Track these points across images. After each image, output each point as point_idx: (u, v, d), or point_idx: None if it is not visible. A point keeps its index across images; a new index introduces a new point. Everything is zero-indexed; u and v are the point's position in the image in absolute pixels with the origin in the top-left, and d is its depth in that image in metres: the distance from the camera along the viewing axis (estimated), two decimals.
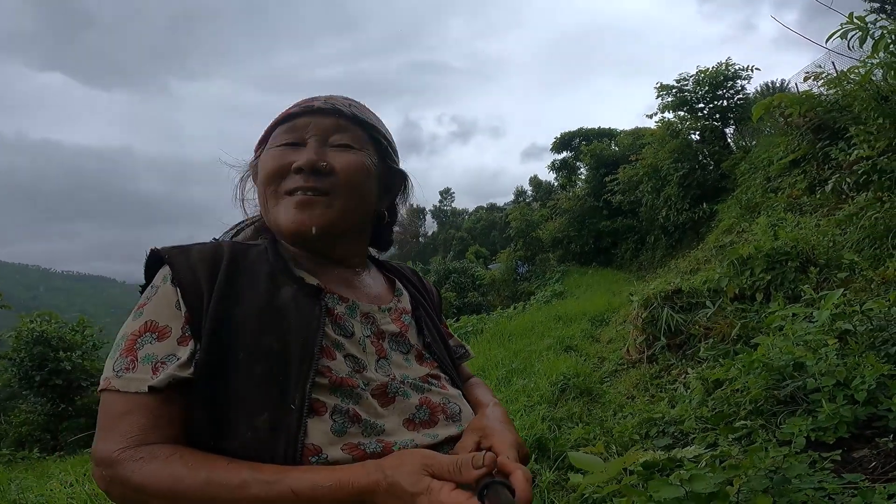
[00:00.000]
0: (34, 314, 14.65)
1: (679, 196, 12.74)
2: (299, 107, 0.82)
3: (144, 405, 0.65)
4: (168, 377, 0.65)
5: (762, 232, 5.21)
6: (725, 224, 8.81)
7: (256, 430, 0.64)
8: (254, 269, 0.75)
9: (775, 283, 3.93)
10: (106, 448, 0.63)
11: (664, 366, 4.23)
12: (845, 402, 1.98)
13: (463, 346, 1.01)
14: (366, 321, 0.80)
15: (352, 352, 0.75)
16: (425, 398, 0.77)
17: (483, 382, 0.99)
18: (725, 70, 13.25)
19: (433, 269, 20.55)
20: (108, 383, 0.67)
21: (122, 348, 0.69)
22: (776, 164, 7.70)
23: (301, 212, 0.76)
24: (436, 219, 61.54)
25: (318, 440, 0.65)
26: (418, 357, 0.83)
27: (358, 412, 0.69)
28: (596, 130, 24.56)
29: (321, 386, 0.68)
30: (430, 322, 0.90)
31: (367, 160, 0.82)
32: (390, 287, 0.91)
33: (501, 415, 0.81)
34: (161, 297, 0.71)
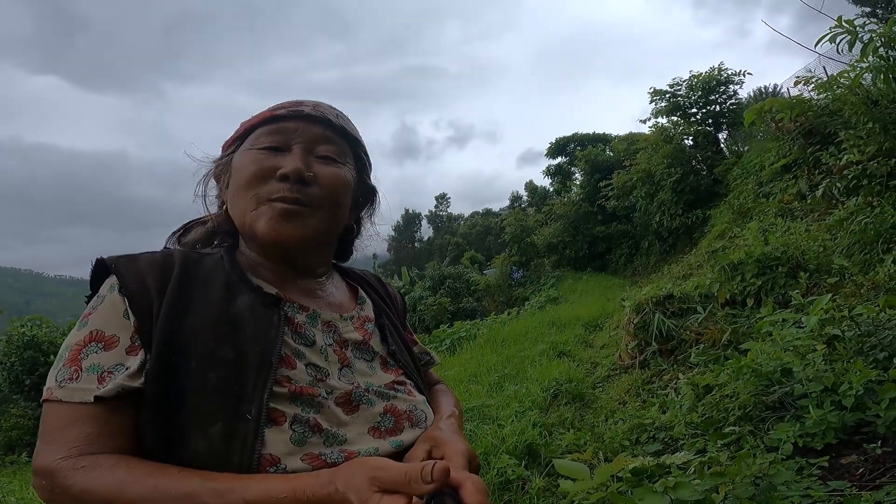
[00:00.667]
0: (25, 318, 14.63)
1: (672, 201, 12.79)
2: (286, 109, 0.79)
3: (90, 415, 0.62)
4: (117, 387, 0.62)
5: (753, 237, 5.22)
6: (718, 229, 8.84)
7: (210, 438, 0.62)
8: (208, 277, 0.73)
9: (766, 288, 3.93)
10: (46, 457, 0.61)
11: (656, 371, 4.22)
12: (833, 408, 1.97)
13: (428, 353, 1.01)
14: (327, 330, 0.78)
15: (313, 360, 0.73)
16: (390, 405, 0.76)
17: (448, 389, 0.98)
18: (718, 75, 13.35)
19: (428, 275, 20.49)
20: (49, 393, 0.64)
21: (65, 359, 0.66)
22: (768, 168, 7.74)
23: (283, 221, 0.74)
24: (431, 224, 61.60)
25: (276, 450, 0.63)
26: (382, 364, 0.82)
27: (319, 421, 0.68)
28: (590, 135, 24.67)
29: (280, 395, 0.66)
30: (393, 329, 0.89)
31: (348, 175, 0.81)
32: (353, 295, 0.90)
33: (453, 425, 0.80)
34: (108, 307, 0.69)
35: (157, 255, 0.75)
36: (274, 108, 0.80)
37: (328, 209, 0.78)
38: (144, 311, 0.67)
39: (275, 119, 0.78)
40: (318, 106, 0.81)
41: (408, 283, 21.68)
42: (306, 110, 0.79)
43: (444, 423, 0.80)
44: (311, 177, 0.75)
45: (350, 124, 0.84)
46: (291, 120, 0.78)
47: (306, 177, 0.75)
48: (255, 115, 0.81)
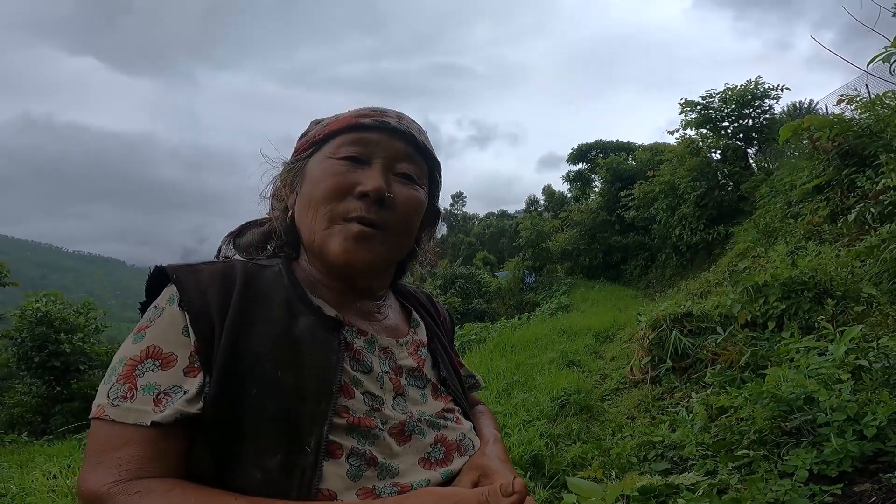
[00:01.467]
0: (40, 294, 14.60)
1: (694, 216, 12.56)
2: (371, 118, 0.75)
3: (143, 438, 0.59)
4: (175, 413, 0.60)
5: (780, 259, 5.09)
6: (740, 248, 8.65)
7: (268, 471, 0.60)
8: (268, 294, 0.70)
9: (789, 312, 3.82)
10: (96, 480, 0.57)
11: (668, 388, 4.14)
12: (854, 438, 1.91)
13: (473, 377, 0.99)
14: (384, 356, 0.76)
15: (370, 389, 0.71)
16: (441, 435, 0.74)
17: (488, 410, 0.96)
18: (754, 88, 13.06)
19: (440, 273, 20.51)
20: (101, 411, 0.61)
21: (118, 374, 0.63)
22: (799, 188, 7.54)
23: (357, 245, 0.70)
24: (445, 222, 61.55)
25: (334, 485, 0.61)
26: (433, 391, 0.80)
27: (375, 454, 0.65)
28: (614, 143, 24.42)
29: (338, 427, 0.64)
30: (444, 354, 0.86)
31: (423, 197, 0.78)
32: (406, 317, 0.87)
33: (501, 453, 0.78)
34: (166, 321, 0.65)
35: (219, 266, 0.72)
36: (357, 114, 0.76)
37: (400, 233, 0.75)
38: (206, 329, 0.64)
39: (358, 128, 0.74)
40: (402, 119, 0.77)
41: (418, 280, 21.71)
42: (392, 123, 0.75)
43: (490, 450, 0.77)
44: (391, 198, 0.72)
45: (429, 142, 0.81)
46: (375, 131, 0.74)
47: (386, 198, 0.71)
48: (336, 118, 0.77)
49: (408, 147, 0.76)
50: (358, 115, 0.76)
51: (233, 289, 0.68)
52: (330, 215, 0.71)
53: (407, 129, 0.76)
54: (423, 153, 0.78)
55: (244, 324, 0.65)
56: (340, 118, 0.77)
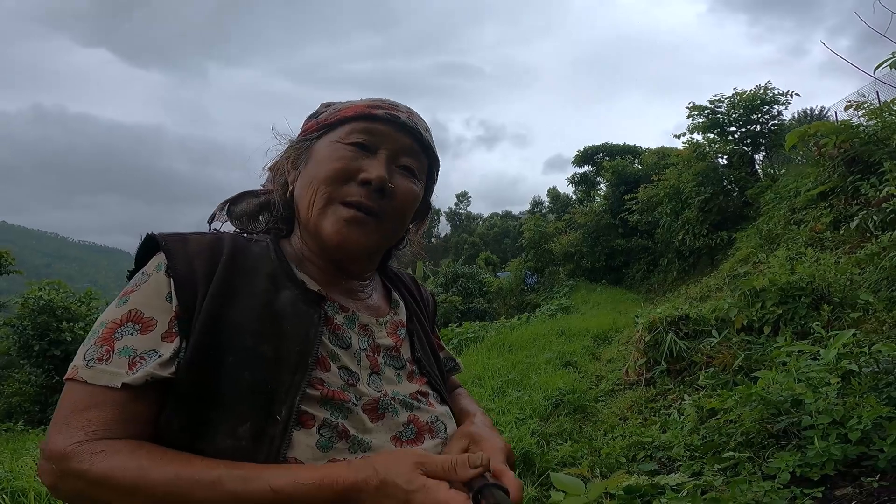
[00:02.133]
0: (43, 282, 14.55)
1: (698, 220, 12.49)
2: (384, 111, 0.77)
3: (112, 400, 0.60)
4: (146, 375, 0.60)
5: (779, 265, 5.06)
6: (742, 253, 8.60)
7: (237, 438, 0.61)
8: (254, 267, 0.71)
9: (785, 317, 3.81)
10: (61, 440, 0.58)
11: (661, 390, 4.13)
12: (838, 441, 1.90)
13: (453, 359, 0.99)
14: (363, 333, 0.77)
15: (347, 364, 0.72)
16: (413, 416, 0.75)
17: (468, 394, 0.97)
18: (763, 94, 12.93)
19: (442, 272, 20.52)
20: (74, 372, 0.62)
21: (98, 336, 0.64)
22: (803, 195, 7.49)
23: (352, 228, 0.73)
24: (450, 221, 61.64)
25: (302, 454, 0.62)
26: (409, 373, 0.81)
27: (346, 427, 0.66)
28: (620, 146, 24.31)
29: (311, 398, 0.65)
30: (423, 335, 0.88)
31: (420, 191, 0.81)
32: (388, 297, 0.88)
33: (488, 422, 0.80)
34: (151, 286, 0.66)
35: (207, 237, 0.73)
36: (370, 104, 0.78)
37: (394, 223, 0.77)
38: (188, 297, 0.65)
39: (370, 118, 0.76)
40: (411, 115, 0.80)
41: (421, 277, 21.76)
42: (402, 118, 0.77)
43: (479, 419, 0.80)
44: (391, 189, 0.74)
45: (433, 141, 0.84)
46: (385, 123, 0.76)
47: (386, 188, 0.73)
48: (348, 105, 0.79)
49: (413, 142, 0.78)
50: (371, 105, 0.78)
51: (219, 259, 0.69)
52: (329, 196, 0.73)
53: (415, 125, 0.78)
54: (427, 150, 0.81)
55: (227, 294, 0.66)
56: (353, 106, 0.78)
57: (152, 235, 0.71)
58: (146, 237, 0.71)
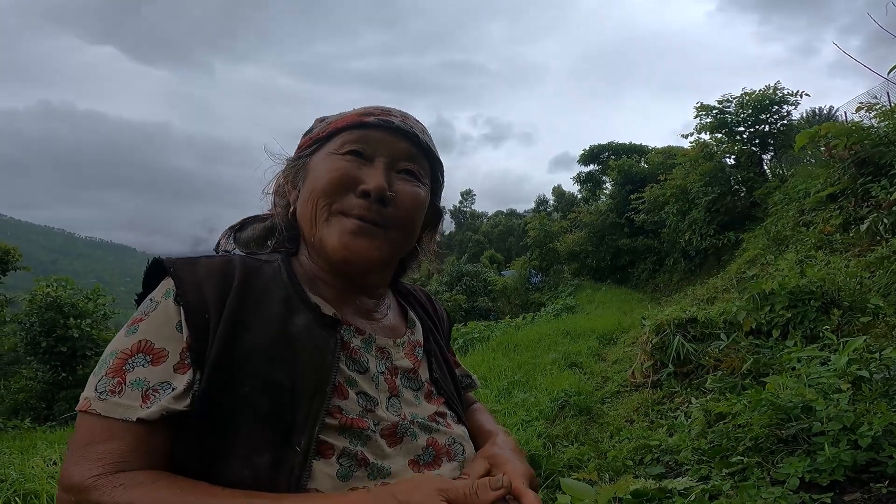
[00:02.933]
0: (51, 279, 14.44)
1: (705, 221, 12.43)
2: (376, 117, 0.75)
3: (128, 432, 0.59)
4: (161, 409, 0.59)
5: (789, 268, 5.03)
6: (749, 254, 8.55)
7: (256, 468, 0.60)
8: (266, 290, 0.69)
9: (795, 321, 3.78)
10: (79, 473, 0.57)
11: (668, 393, 4.12)
12: (848, 447, 1.89)
13: (469, 376, 0.98)
14: (380, 356, 0.76)
15: (365, 389, 0.71)
16: (432, 439, 0.74)
17: (486, 409, 0.96)
18: (772, 94, 12.83)
19: (446, 270, 20.52)
20: (87, 404, 0.61)
21: (108, 366, 0.62)
22: (812, 196, 7.42)
23: (356, 239, 0.70)
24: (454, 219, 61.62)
25: (323, 485, 0.61)
26: (427, 394, 0.80)
27: (366, 455, 0.65)
28: (626, 146, 24.22)
29: (330, 427, 0.64)
30: (439, 354, 0.86)
31: (425, 195, 0.78)
32: (404, 316, 0.86)
33: (512, 444, 0.79)
34: (160, 315, 0.65)
35: (217, 260, 0.71)
36: (361, 112, 0.77)
37: (401, 231, 0.75)
38: (199, 325, 0.63)
39: (363, 126, 0.75)
40: (406, 119, 0.78)
41: (425, 275, 21.77)
42: (395, 122, 0.75)
43: (502, 440, 0.78)
44: (392, 197, 0.72)
45: (433, 142, 0.81)
46: (379, 130, 0.74)
47: (387, 196, 0.71)
48: (341, 116, 0.78)
49: (411, 146, 0.76)
50: (363, 113, 0.76)
51: (231, 284, 0.67)
52: (330, 209, 0.72)
53: (411, 128, 0.76)
54: (427, 153, 0.78)
55: (240, 320, 0.65)
56: (345, 116, 0.77)
57: (160, 260, 0.69)
58: (153, 261, 0.69)
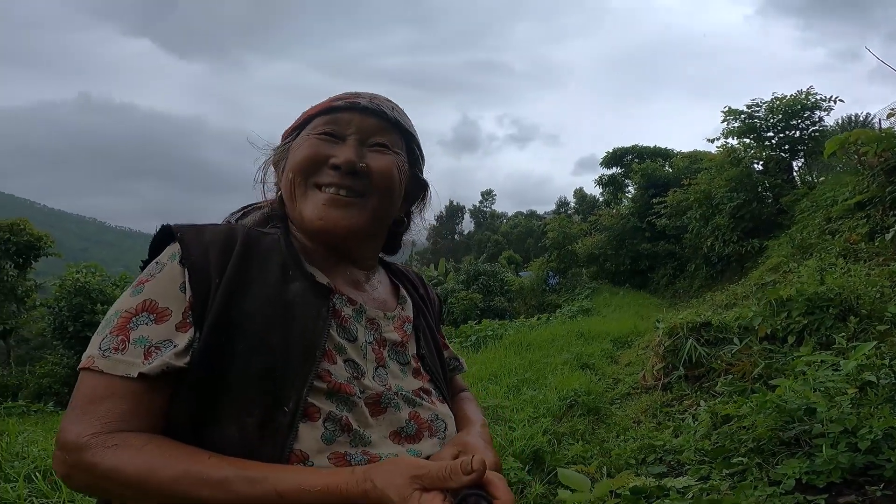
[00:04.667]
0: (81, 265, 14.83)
1: (729, 227, 12.17)
2: (343, 101, 0.79)
3: (129, 390, 0.60)
4: (162, 365, 0.61)
5: (809, 275, 4.93)
6: (773, 262, 8.36)
7: (244, 427, 0.62)
8: (266, 258, 0.72)
9: (811, 327, 3.72)
10: (76, 431, 0.59)
11: (678, 395, 4.10)
12: (846, 449, 1.88)
13: (457, 359, 1.00)
14: (370, 327, 0.78)
15: (353, 357, 0.73)
16: (415, 413, 0.75)
17: (474, 398, 0.98)
18: (805, 99, 12.45)
19: (464, 269, 20.56)
20: (90, 362, 0.62)
21: (113, 325, 0.64)
22: (840, 204, 7.22)
23: (331, 209, 0.74)
24: (474, 219, 61.53)
25: (308, 446, 0.63)
26: (414, 370, 0.81)
27: (349, 421, 0.67)
28: (651, 149, 23.79)
29: (318, 390, 0.66)
30: (428, 332, 0.89)
31: (401, 164, 0.81)
32: (395, 292, 0.89)
33: (486, 435, 0.80)
34: (166, 276, 0.67)
35: (221, 228, 0.74)
36: (332, 98, 0.81)
37: (379, 198, 0.77)
38: (202, 287, 0.66)
39: (332, 110, 0.79)
40: (374, 98, 0.81)
41: (443, 273, 21.84)
42: (363, 102, 0.78)
43: (476, 430, 0.80)
44: (364, 167, 0.75)
45: (405, 117, 0.84)
46: (348, 111, 0.78)
47: (358, 167, 0.74)
48: (315, 105, 0.82)
49: (380, 122, 0.79)
50: (333, 99, 0.81)
51: (233, 249, 0.70)
52: (306, 183, 0.76)
53: (378, 106, 0.79)
54: (397, 127, 0.81)
55: (240, 284, 0.68)
56: (318, 105, 0.82)
57: (167, 226, 0.72)
58: (161, 227, 0.72)
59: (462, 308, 16.39)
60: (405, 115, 0.85)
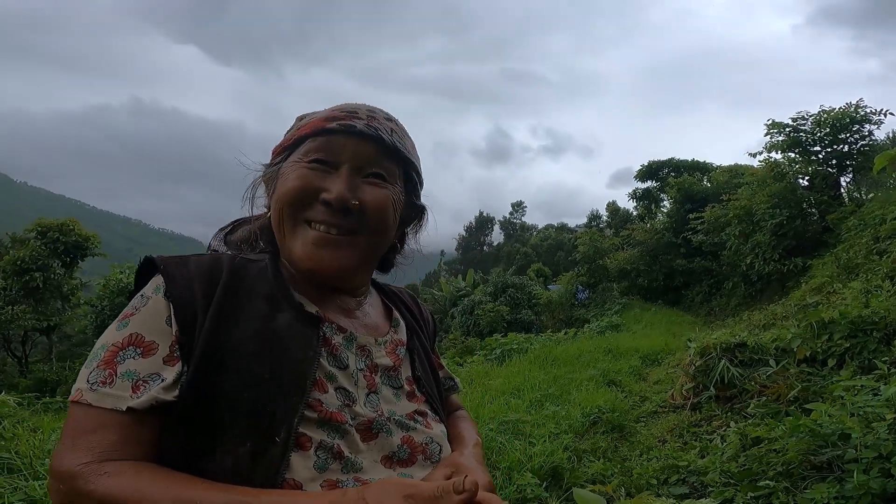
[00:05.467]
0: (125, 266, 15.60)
1: (770, 245, 11.66)
2: (338, 122, 0.74)
3: (118, 422, 0.61)
4: (150, 399, 0.61)
5: (853, 297, 4.66)
6: (816, 282, 7.93)
7: (237, 458, 0.62)
8: (252, 288, 0.71)
9: (853, 351, 3.51)
10: (68, 461, 0.59)
11: (707, 416, 3.93)
12: (879, 475, 1.76)
13: (452, 379, 0.99)
14: (361, 354, 0.77)
15: (344, 384, 0.72)
16: (408, 437, 0.75)
17: (468, 416, 0.97)
18: (854, 112, 11.88)
19: (492, 281, 20.44)
20: (79, 395, 0.62)
21: (100, 359, 0.64)
22: (889, 223, 6.81)
23: (321, 249, 0.72)
24: (503, 230, 61.22)
25: (300, 475, 0.63)
26: (408, 393, 0.81)
27: (342, 449, 0.67)
28: (688, 162, 23.17)
29: (309, 420, 0.66)
30: (422, 354, 0.88)
31: (396, 196, 0.78)
32: (388, 315, 0.88)
33: (478, 455, 0.80)
34: (151, 310, 0.67)
35: (205, 259, 0.73)
36: (325, 117, 0.76)
37: (372, 235, 0.75)
38: (188, 320, 0.66)
39: (325, 132, 0.74)
40: (372, 119, 0.76)
41: (471, 285, 21.76)
42: (359, 126, 0.74)
43: (469, 451, 0.79)
44: (356, 205, 0.72)
45: (405, 140, 0.79)
46: (342, 135, 0.74)
47: (351, 205, 0.71)
48: (307, 122, 0.77)
49: (376, 149, 0.75)
50: (326, 118, 0.76)
51: (218, 281, 0.69)
52: (295, 218, 0.73)
53: (376, 131, 0.75)
54: (395, 154, 0.77)
55: (226, 316, 0.67)
56: (311, 122, 0.77)
57: (150, 258, 0.71)
58: (144, 259, 0.72)
59: (488, 320, 16.28)
60: (405, 136, 0.81)
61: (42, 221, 16.27)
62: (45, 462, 2.12)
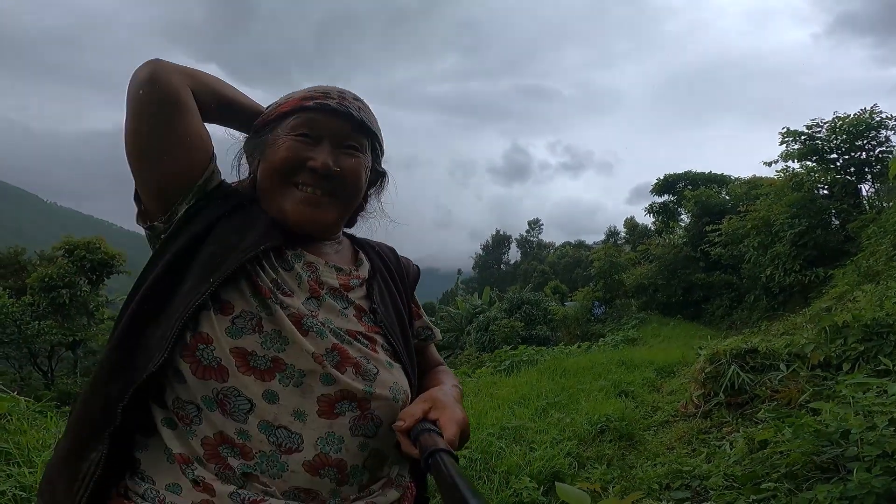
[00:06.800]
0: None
1: (790, 255, 11.34)
2: (314, 101, 0.86)
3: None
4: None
5: (867, 301, 4.49)
6: (837, 290, 7.67)
7: (186, 292, 0.73)
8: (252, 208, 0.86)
9: (868, 354, 3.36)
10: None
11: (717, 422, 3.79)
12: (882, 473, 1.65)
13: (430, 328, 1.03)
14: (307, 269, 0.85)
15: (285, 279, 0.80)
16: (341, 346, 0.78)
17: (449, 370, 1.01)
18: (869, 118, 11.63)
19: (507, 297, 20.28)
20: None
21: None
22: None
23: (308, 207, 0.83)
24: (520, 248, 60.90)
25: (210, 329, 0.72)
26: (358, 314, 0.85)
27: (263, 323, 0.74)
28: (705, 175, 22.78)
29: (240, 290, 0.76)
30: (387, 293, 0.92)
31: (367, 164, 0.90)
32: (354, 259, 0.96)
33: (456, 394, 0.85)
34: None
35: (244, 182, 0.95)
36: (303, 97, 0.87)
37: (348, 198, 0.88)
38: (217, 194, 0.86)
39: (303, 109, 0.86)
40: (343, 99, 0.88)
41: (487, 302, 21.61)
42: (332, 104, 0.85)
43: (448, 389, 0.85)
44: (337, 171, 0.84)
45: (369, 115, 0.91)
46: (319, 112, 0.85)
47: (333, 171, 0.83)
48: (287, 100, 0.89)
49: (348, 124, 0.87)
50: (303, 98, 0.88)
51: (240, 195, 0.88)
52: (285, 181, 0.85)
53: (346, 108, 0.87)
54: (363, 128, 0.89)
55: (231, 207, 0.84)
56: (290, 100, 0.89)
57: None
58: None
59: (503, 335, 16.08)
60: (370, 113, 0.92)
61: (69, 239, 16.88)
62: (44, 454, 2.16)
